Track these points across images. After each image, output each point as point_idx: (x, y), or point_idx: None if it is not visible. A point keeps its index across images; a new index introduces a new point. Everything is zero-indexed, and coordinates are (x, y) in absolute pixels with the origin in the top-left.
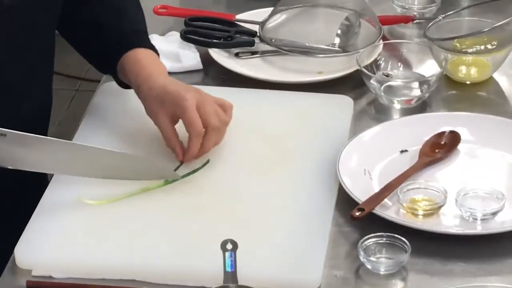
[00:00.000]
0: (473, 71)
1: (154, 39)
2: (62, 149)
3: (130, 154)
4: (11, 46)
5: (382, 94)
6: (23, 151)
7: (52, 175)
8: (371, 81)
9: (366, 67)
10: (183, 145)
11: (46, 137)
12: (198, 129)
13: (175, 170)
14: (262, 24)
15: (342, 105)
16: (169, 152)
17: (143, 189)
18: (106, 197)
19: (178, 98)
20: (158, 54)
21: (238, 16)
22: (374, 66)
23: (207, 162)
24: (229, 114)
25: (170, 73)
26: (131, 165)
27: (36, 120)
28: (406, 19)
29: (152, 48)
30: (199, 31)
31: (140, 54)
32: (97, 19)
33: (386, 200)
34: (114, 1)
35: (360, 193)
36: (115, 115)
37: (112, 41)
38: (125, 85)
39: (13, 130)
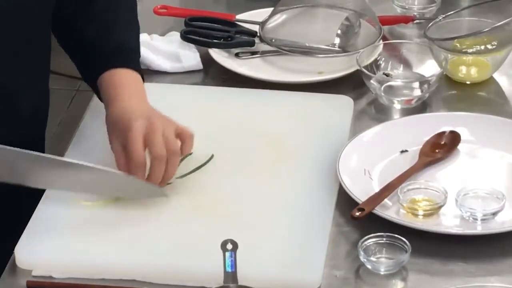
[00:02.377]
0: (473, 71)
1: (154, 39)
2: (52, 166)
3: (119, 173)
4: (5, 48)
5: (382, 94)
6: (15, 166)
7: None
8: (371, 81)
9: (366, 67)
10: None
11: (38, 153)
12: (137, 160)
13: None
14: (262, 24)
15: (342, 105)
16: None
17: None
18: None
19: (125, 127)
20: (141, 75)
21: (238, 16)
22: (374, 66)
23: (211, 157)
24: (188, 143)
25: (170, 73)
26: (121, 183)
27: (33, 121)
28: (406, 19)
29: (135, 67)
30: (199, 31)
31: (116, 75)
32: (83, 34)
33: (386, 200)
34: (106, 15)
35: (360, 193)
36: None
37: (93, 58)
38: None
39: (10, 131)
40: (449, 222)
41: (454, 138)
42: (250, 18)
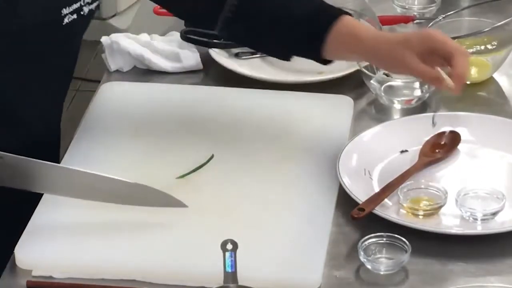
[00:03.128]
0: (473, 71)
1: (154, 39)
2: (60, 174)
3: (134, 183)
4: (29, 61)
5: (382, 94)
6: (19, 173)
7: None
8: (371, 81)
9: (366, 67)
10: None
11: (42, 161)
12: (463, 48)
13: (183, 176)
14: None
15: (342, 105)
16: (169, 151)
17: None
18: None
19: (429, 33)
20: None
21: None
22: (374, 66)
23: (212, 157)
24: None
25: (170, 73)
26: (136, 193)
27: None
28: (406, 19)
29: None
30: (199, 31)
31: (347, 20)
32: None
33: (386, 200)
34: None
35: (360, 193)
36: (115, 115)
37: (309, 18)
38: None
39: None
40: (449, 222)
41: (454, 138)
42: None
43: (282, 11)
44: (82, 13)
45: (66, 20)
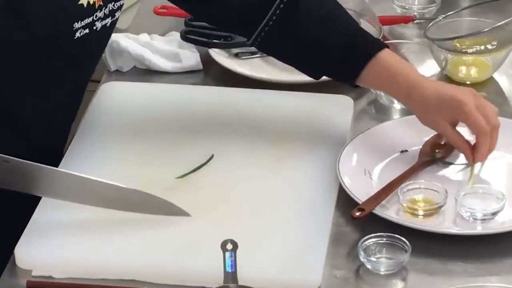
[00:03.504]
0: (473, 71)
1: (154, 39)
2: (64, 180)
3: (138, 190)
4: (42, 74)
5: (382, 94)
6: (25, 177)
7: None
8: None
9: None
10: (471, 146)
11: (48, 166)
12: (485, 128)
13: (183, 176)
14: None
15: (342, 105)
16: (169, 151)
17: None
18: None
19: (457, 103)
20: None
21: None
22: None
23: (212, 157)
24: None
25: (170, 73)
26: (139, 200)
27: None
28: (406, 19)
29: (382, 45)
30: (199, 31)
31: (385, 57)
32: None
33: (386, 200)
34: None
35: (360, 193)
36: (115, 115)
37: (344, 54)
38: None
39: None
40: (449, 222)
41: None
42: None
43: (320, 33)
44: (94, 28)
45: (78, 34)
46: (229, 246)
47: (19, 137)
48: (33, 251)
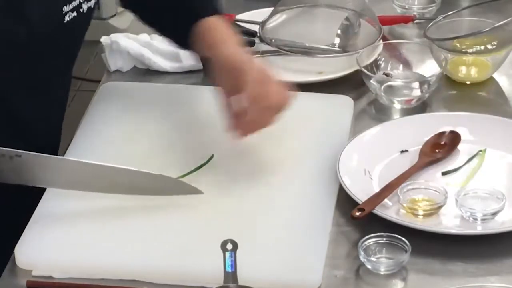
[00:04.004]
0: (473, 71)
1: (154, 39)
2: (75, 168)
3: (147, 172)
4: (32, 59)
5: (382, 94)
6: (38, 170)
7: None
8: (371, 81)
9: (366, 67)
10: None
11: (58, 156)
12: (257, 100)
13: (183, 176)
14: (262, 24)
15: (342, 105)
16: (169, 152)
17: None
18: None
19: (238, 72)
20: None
21: (238, 16)
22: (374, 66)
23: (212, 157)
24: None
25: (170, 73)
26: (152, 183)
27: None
28: (406, 19)
29: (219, 12)
30: None
31: (206, 23)
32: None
33: (386, 200)
34: None
35: (360, 193)
36: (115, 115)
37: (183, 13)
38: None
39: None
40: (449, 222)
41: (454, 138)
42: (250, 18)
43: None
44: (81, 10)
45: (67, 18)
46: (229, 246)
47: (18, 136)
48: (33, 251)
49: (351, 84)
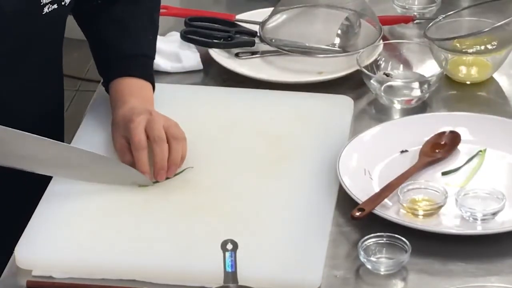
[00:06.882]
0: (473, 71)
1: None
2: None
3: (103, 156)
4: (12, 52)
5: (382, 94)
6: (21, 150)
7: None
8: (371, 81)
9: (366, 67)
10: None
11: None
12: (137, 143)
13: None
14: (262, 24)
15: (342, 105)
16: None
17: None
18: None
19: (128, 121)
20: (152, 82)
21: (238, 16)
22: (374, 66)
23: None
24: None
25: (170, 73)
26: (104, 168)
27: (49, 120)
28: (406, 19)
29: (147, 75)
30: (199, 31)
31: (126, 83)
32: (102, 33)
33: (386, 200)
34: (126, 16)
35: (360, 193)
36: None
37: (108, 60)
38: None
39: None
40: (449, 222)
41: (454, 138)
42: (250, 18)
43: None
44: (63, 3)
45: (46, 10)
46: (229, 246)
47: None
48: (33, 251)
49: (351, 84)
